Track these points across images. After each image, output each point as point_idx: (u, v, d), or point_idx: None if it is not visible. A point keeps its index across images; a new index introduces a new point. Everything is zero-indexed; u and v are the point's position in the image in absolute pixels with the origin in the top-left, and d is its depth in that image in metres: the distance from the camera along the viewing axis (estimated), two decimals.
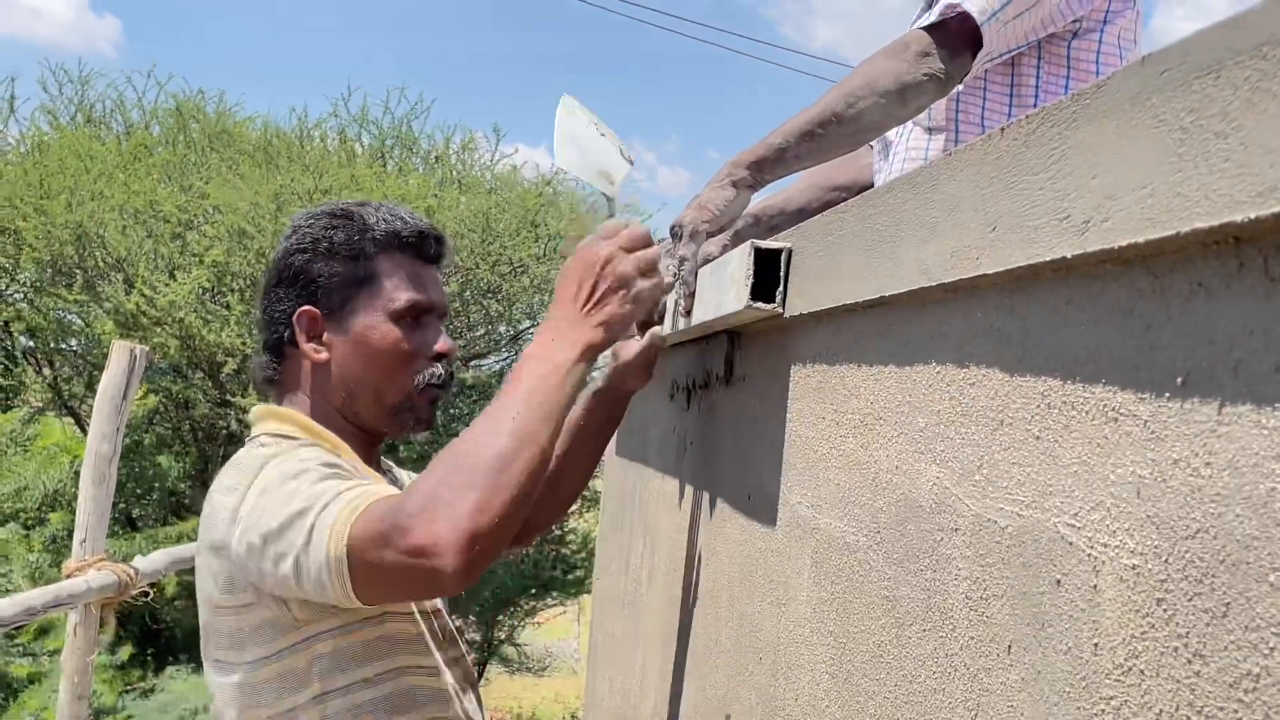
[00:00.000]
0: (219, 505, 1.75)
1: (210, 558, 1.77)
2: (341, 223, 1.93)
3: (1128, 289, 0.89)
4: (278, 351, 1.96)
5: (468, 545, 1.47)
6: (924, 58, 1.97)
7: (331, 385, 1.92)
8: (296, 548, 1.60)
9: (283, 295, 1.93)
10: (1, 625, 3.41)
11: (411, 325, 1.92)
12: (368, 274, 1.91)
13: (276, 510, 1.64)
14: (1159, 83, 0.82)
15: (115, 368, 4.03)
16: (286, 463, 1.72)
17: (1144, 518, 0.85)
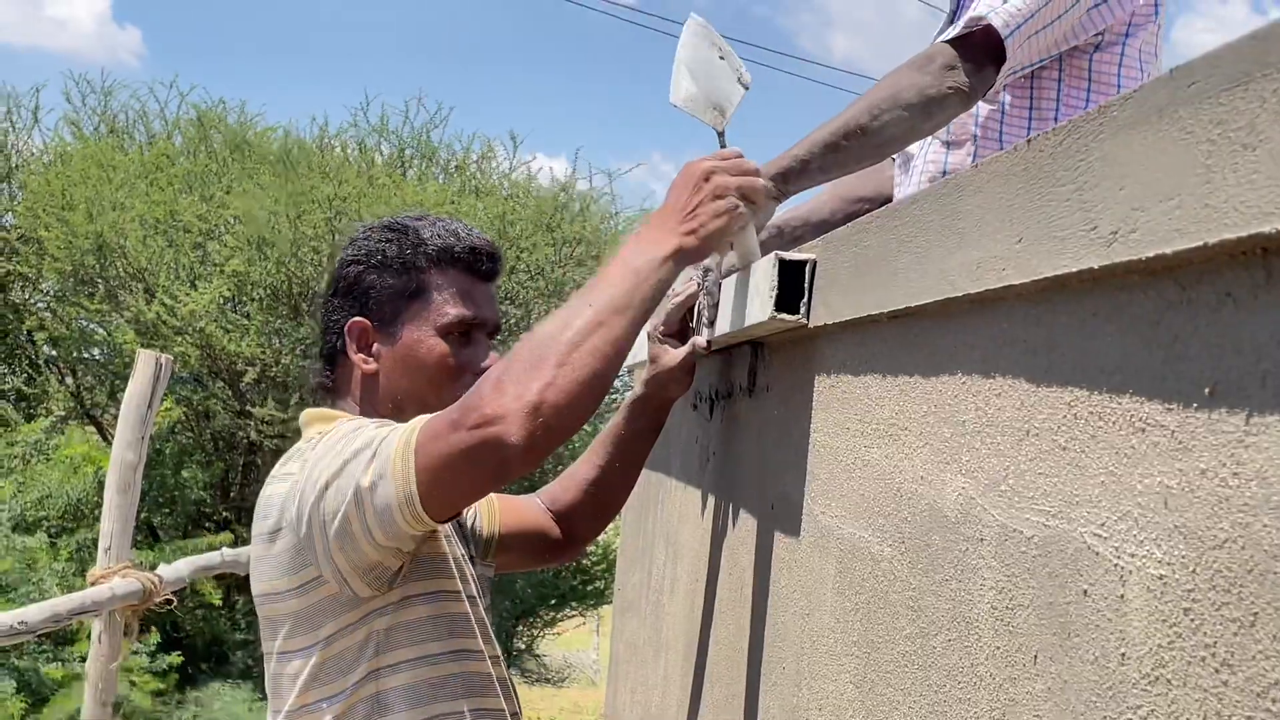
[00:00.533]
0: (273, 494, 1.80)
1: (267, 546, 1.80)
2: (396, 236, 1.95)
3: (1155, 300, 0.89)
4: (331, 360, 2.00)
5: (531, 413, 1.53)
6: (948, 71, 1.97)
7: (379, 395, 1.95)
8: (356, 478, 1.65)
9: (337, 305, 1.97)
10: (29, 631, 3.44)
11: (460, 341, 1.95)
12: (419, 287, 1.93)
13: (334, 459, 1.69)
14: (1186, 95, 0.82)
15: (141, 377, 4.05)
16: (340, 429, 1.77)
17: (1171, 527, 0.85)
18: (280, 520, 1.78)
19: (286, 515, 1.76)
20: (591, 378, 1.57)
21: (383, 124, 13.68)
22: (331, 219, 10.82)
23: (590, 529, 2.39)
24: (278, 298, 11.29)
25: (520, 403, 1.53)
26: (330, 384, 2.01)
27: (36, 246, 11.90)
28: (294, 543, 1.76)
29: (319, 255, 11.00)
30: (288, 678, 1.83)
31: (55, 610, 3.55)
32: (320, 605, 1.78)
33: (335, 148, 13.32)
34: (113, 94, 13.70)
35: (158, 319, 10.65)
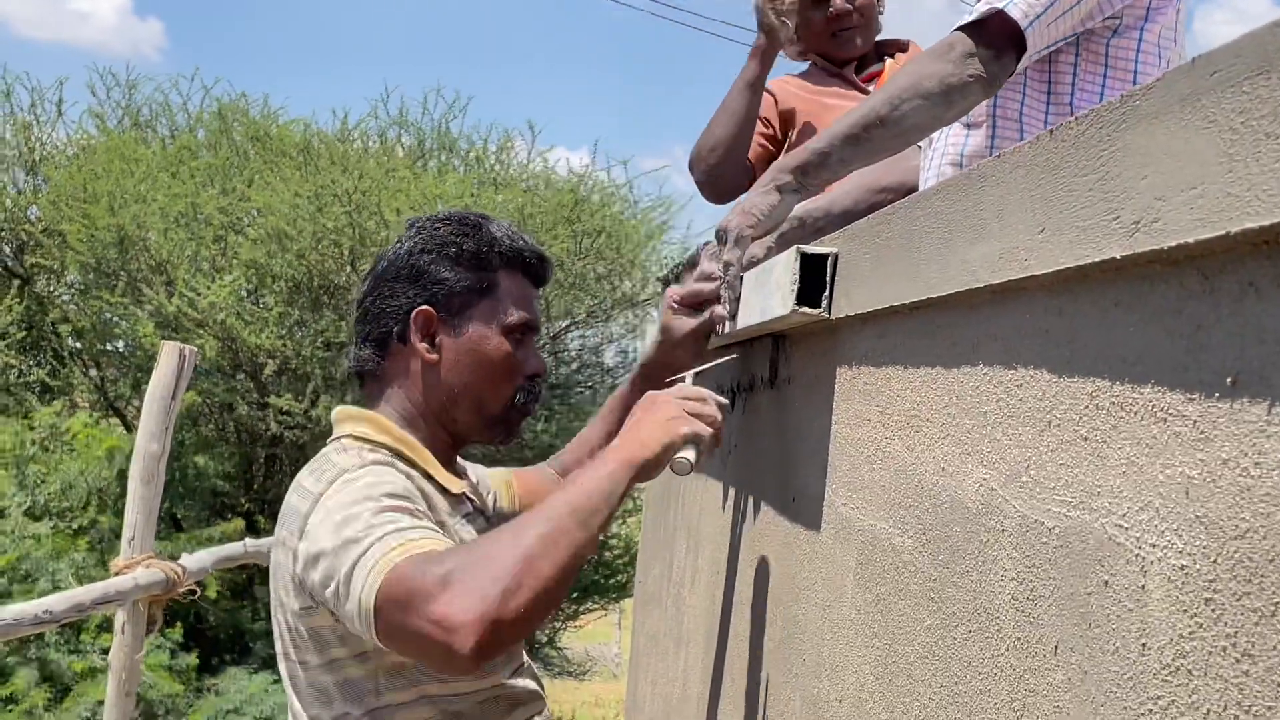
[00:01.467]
0: (294, 507, 1.80)
1: (282, 556, 1.82)
2: (471, 231, 1.97)
3: (1177, 289, 0.89)
4: (383, 345, 1.99)
5: (488, 627, 1.48)
6: (968, 59, 1.96)
7: (435, 386, 1.96)
8: (339, 576, 1.64)
9: (400, 291, 1.97)
10: (53, 621, 3.46)
11: (517, 342, 1.98)
12: (489, 285, 1.97)
13: (334, 532, 1.67)
14: (1210, 83, 0.82)
15: (165, 368, 4.07)
16: (357, 484, 1.75)
17: (1193, 518, 0.85)
18: (289, 541, 1.78)
19: (297, 548, 1.76)
20: (550, 592, 1.54)
21: (402, 116, 13.69)
22: (351, 212, 10.83)
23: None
24: (299, 290, 11.32)
25: (474, 615, 1.48)
26: (378, 370, 2.00)
27: (60, 239, 11.96)
28: (298, 570, 1.76)
29: (340, 249, 11.02)
30: (307, 688, 1.85)
31: (79, 600, 3.57)
32: (320, 630, 1.80)
33: (356, 140, 13.33)
34: (137, 87, 13.76)
35: (179, 311, 10.69)
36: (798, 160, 2.02)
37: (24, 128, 13.32)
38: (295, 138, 12.76)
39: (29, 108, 13.41)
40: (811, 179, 2.02)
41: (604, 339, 14.14)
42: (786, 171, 2.02)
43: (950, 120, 2.07)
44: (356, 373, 2.04)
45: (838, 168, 2.03)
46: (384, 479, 1.77)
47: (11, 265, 13.22)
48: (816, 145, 2.01)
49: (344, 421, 1.98)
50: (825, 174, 2.03)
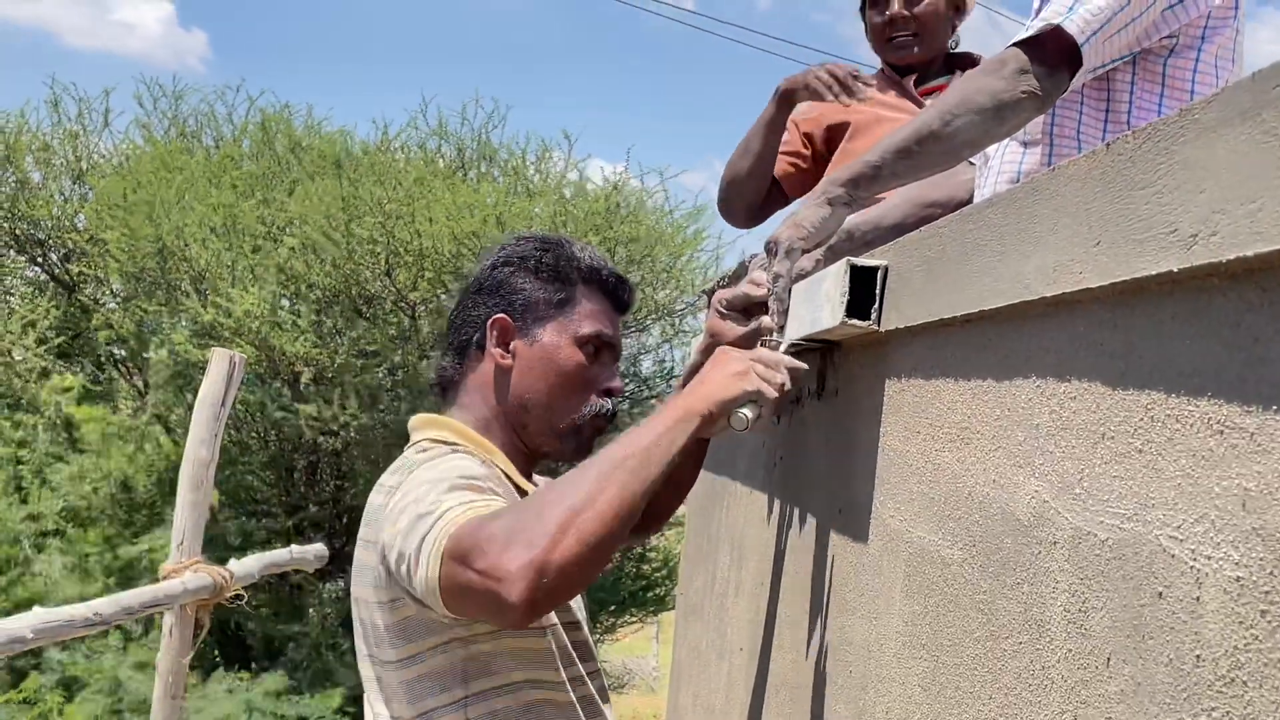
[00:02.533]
0: (375, 504, 1.86)
1: (367, 553, 1.87)
2: (551, 247, 2.05)
3: (1235, 302, 0.89)
4: (462, 353, 2.06)
5: (535, 579, 1.51)
6: (1021, 75, 1.97)
7: (508, 392, 2.02)
8: (410, 552, 1.67)
9: (480, 302, 2.05)
10: (104, 623, 3.49)
11: (591, 356, 2.03)
12: (566, 298, 2.03)
13: (408, 511, 1.72)
14: (1271, 97, 0.82)
15: (214, 375, 4.11)
16: (433, 469, 1.80)
17: (1249, 530, 0.85)
18: (372, 536, 1.85)
19: (378, 535, 1.81)
20: (599, 544, 1.56)
21: (441, 126, 13.75)
22: (384, 221, 10.89)
23: (666, 505, 2.40)
24: (336, 299, 11.38)
25: (522, 563, 1.51)
26: (456, 376, 2.06)
27: (104, 247, 12.08)
28: (380, 561, 1.81)
29: (376, 258, 11.08)
30: (383, 685, 1.88)
31: (128, 603, 3.60)
32: (405, 623, 1.83)
33: (396, 151, 13.40)
34: (183, 98, 13.88)
35: (214, 321, 10.77)
36: (849, 173, 2.02)
37: (72, 137, 13.47)
38: (335, 148, 12.85)
39: (76, 117, 13.56)
40: (863, 192, 2.03)
41: (640, 349, 14.16)
42: (838, 184, 2.02)
43: (1002, 136, 2.07)
44: (438, 383, 2.10)
45: (889, 181, 2.04)
46: (463, 464, 1.83)
47: (58, 273, 13.37)
48: (868, 158, 2.01)
49: (422, 427, 2.03)
50: (876, 187, 2.04)
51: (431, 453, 1.90)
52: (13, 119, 13.21)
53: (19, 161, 13.00)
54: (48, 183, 13.44)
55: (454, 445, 1.95)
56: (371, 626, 1.88)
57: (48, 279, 13.46)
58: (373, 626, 1.87)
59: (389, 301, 11.42)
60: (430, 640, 1.83)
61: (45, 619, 3.23)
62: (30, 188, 13.18)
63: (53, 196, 13.31)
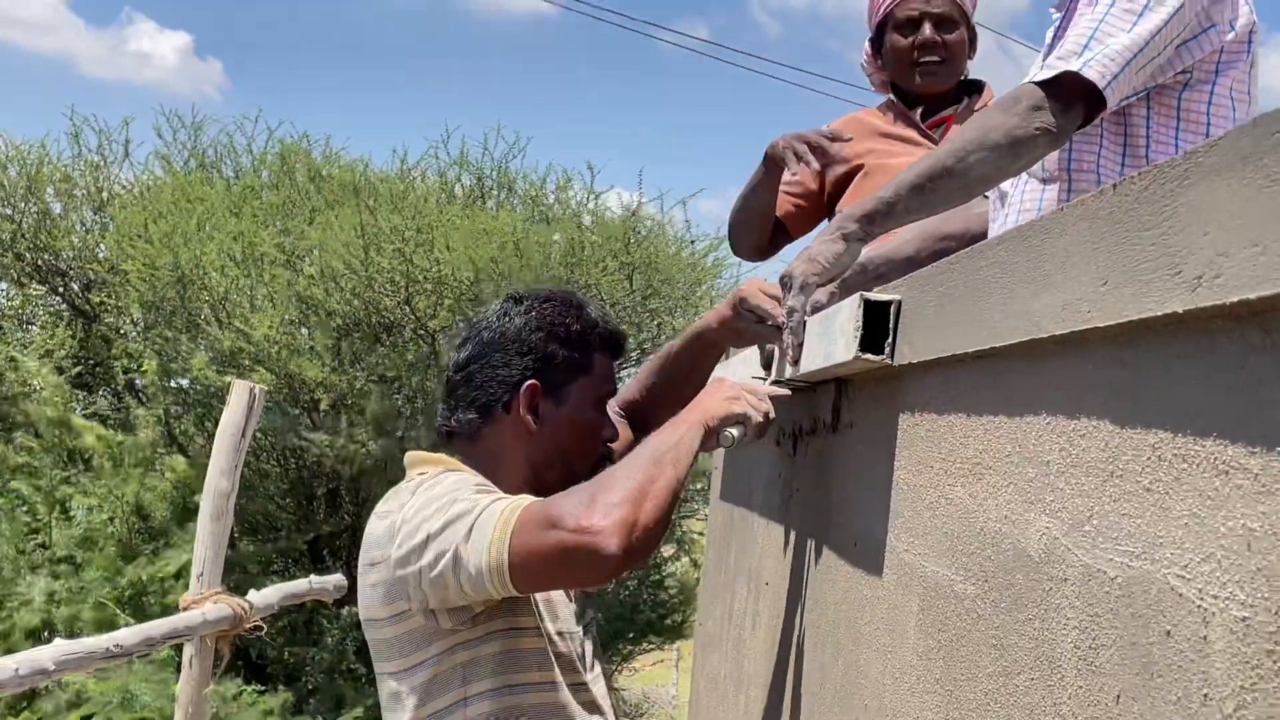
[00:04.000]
0: (376, 528, 1.98)
1: (370, 574, 1.99)
2: (576, 314, 2.16)
3: (1239, 344, 0.90)
4: (486, 411, 2.13)
5: (629, 530, 1.75)
6: (1035, 112, 1.98)
7: (532, 452, 2.12)
8: (457, 541, 1.83)
9: (510, 362, 2.12)
10: (125, 654, 3.51)
11: (601, 412, 2.17)
12: (588, 364, 2.15)
13: (438, 514, 1.87)
14: (1271, 143, 0.83)
15: (235, 406, 4.13)
16: (443, 483, 1.95)
17: (1254, 570, 0.86)
18: (383, 554, 1.94)
19: (384, 553, 1.93)
20: (665, 507, 1.83)
21: (463, 156, 13.78)
22: (402, 248, 10.91)
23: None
24: (355, 326, 11.40)
25: (617, 520, 1.75)
26: (476, 434, 2.14)
27: (124, 277, 12.11)
28: (388, 578, 1.93)
29: (395, 286, 11.10)
30: (395, 697, 2.01)
31: (149, 634, 3.62)
32: (410, 635, 1.96)
33: (416, 179, 13.43)
34: (202, 129, 13.94)
35: (234, 347, 10.79)
36: (864, 209, 2.04)
37: (93, 168, 13.54)
38: (354, 177, 12.89)
39: (96, 148, 13.62)
40: (877, 228, 2.04)
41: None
42: (853, 220, 2.04)
43: (1016, 172, 2.08)
44: (446, 432, 2.18)
45: (904, 217, 2.05)
46: (464, 476, 2.00)
47: (78, 303, 13.42)
48: (883, 194, 2.03)
49: (418, 464, 2.12)
50: (891, 223, 2.06)
51: (427, 478, 2.01)
52: (34, 150, 13.29)
53: (40, 193, 13.07)
54: (69, 213, 13.50)
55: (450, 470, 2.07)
56: (380, 643, 2.01)
57: (68, 309, 13.51)
58: (382, 642, 2.00)
59: (409, 329, 11.43)
60: (434, 648, 1.96)
61: (66, 650, 3.25)
62: (52, 219, 13.24)
63: (74, 227, 13.36)
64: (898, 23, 3.25)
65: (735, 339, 2.41)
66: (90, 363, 13.15)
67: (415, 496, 1.95)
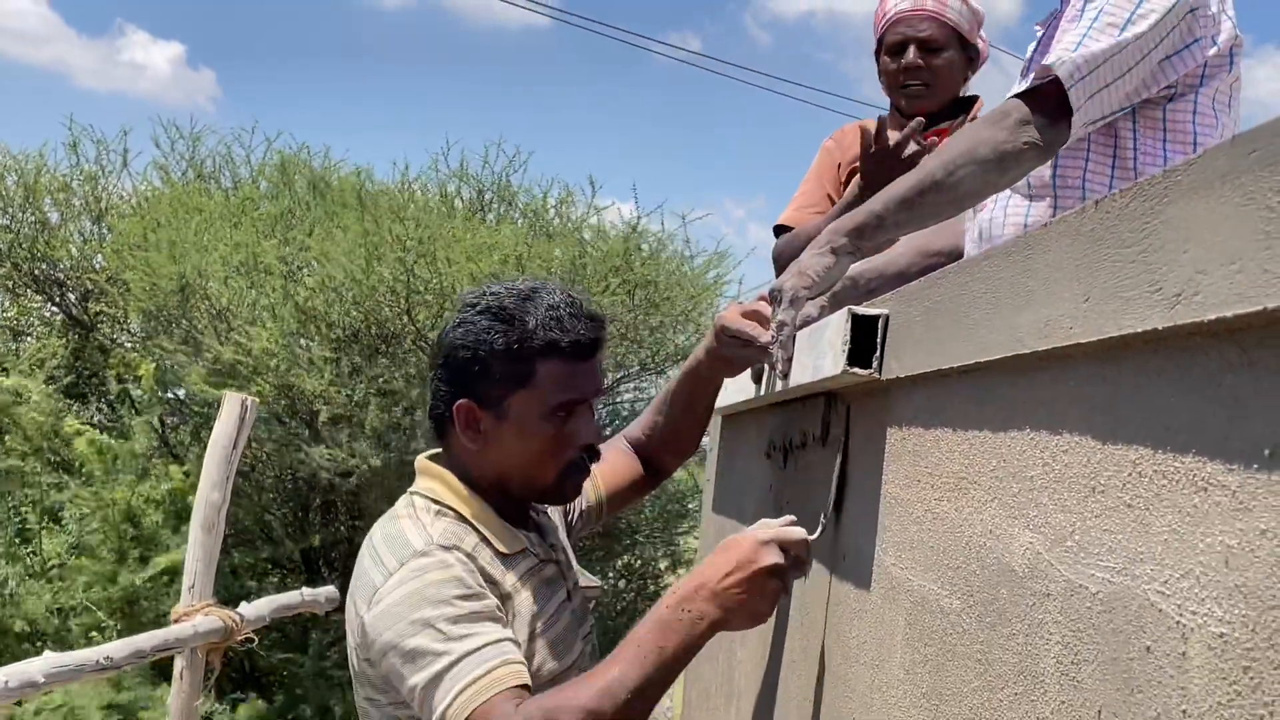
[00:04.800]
0: (367, 569, 1.95)
1: (350, 608, 1.98)
2: (504, 328, 2.02)
3: (1217, 361, 0.91)
4: (440, 424, 2.11)
5: None
6: (1022, 126, 1.99)
7: (484, 466, 2.06)
8: (416, 683, 1.80)
9: (446, 378, 2.08)
10: (115, 666, 3.51)
11: (563, 419, 2.04)
12: (526, 376, 2.02)
13: (408, 632, 1.83)
14: (1248, 162, 0.84)
15: (226, 418, 4.13)
16: (426, 576, 1.87)
17: (1232, 586, 0.86)
18: (360, 611, 1.93)
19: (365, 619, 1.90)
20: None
21: (463, 169, 13.80)
22: (403, 258, 10.91)
23: (671, 463, 2.61)
24: (356, 338, 11.40)
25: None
26: (441, 442, 2.13)
27: (123, 287, 12.12)
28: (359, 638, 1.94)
29: (397, 296, 11.10)
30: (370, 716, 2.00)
31: (139, 646, 3.62)
32: (374, 678, 1.94)
33: (416, 191, 13.46)
34: (200, 140, 13.97)
35: (234, 359, 10.79)
36: (853, 223, 2.04)
37: (90, 178, 13.55)
38: (354, 188, 12.91)
39: (95, 158, 13.65)
40: (866, 241, 2.05)
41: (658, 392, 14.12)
42: (842, 234, 2.04)
43: (1004, 186, 2.09)
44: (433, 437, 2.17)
45: (892, 231, 2.06)
46: (449, 572, 1.89)
47: (76, 312, 13.42)
48: (872, 208, 2.03)
49: (422, 474, 2.12)
50: (880, 236, 2.06)
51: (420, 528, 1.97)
52: (31, 159, 13.31)
53: (38, 203, 13.08)
54: (66, 223, 13.51)
55: (443, 505, 2.03)
56: (361, 674, 1.98)
57: (62, 318, 13.51)
58: (363, 675, 1.97)
59: (408, 340, 11.43)
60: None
61: (56, 663, 3.25)
62: (49, 228, 13.26)
63: (71, 237, 13.38)
64: (887, 46, 3.32)
65: (725, 367, 2.36)
66: (85, 373, 13.15)
67: (402, 572, 1.88)
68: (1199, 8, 2.06)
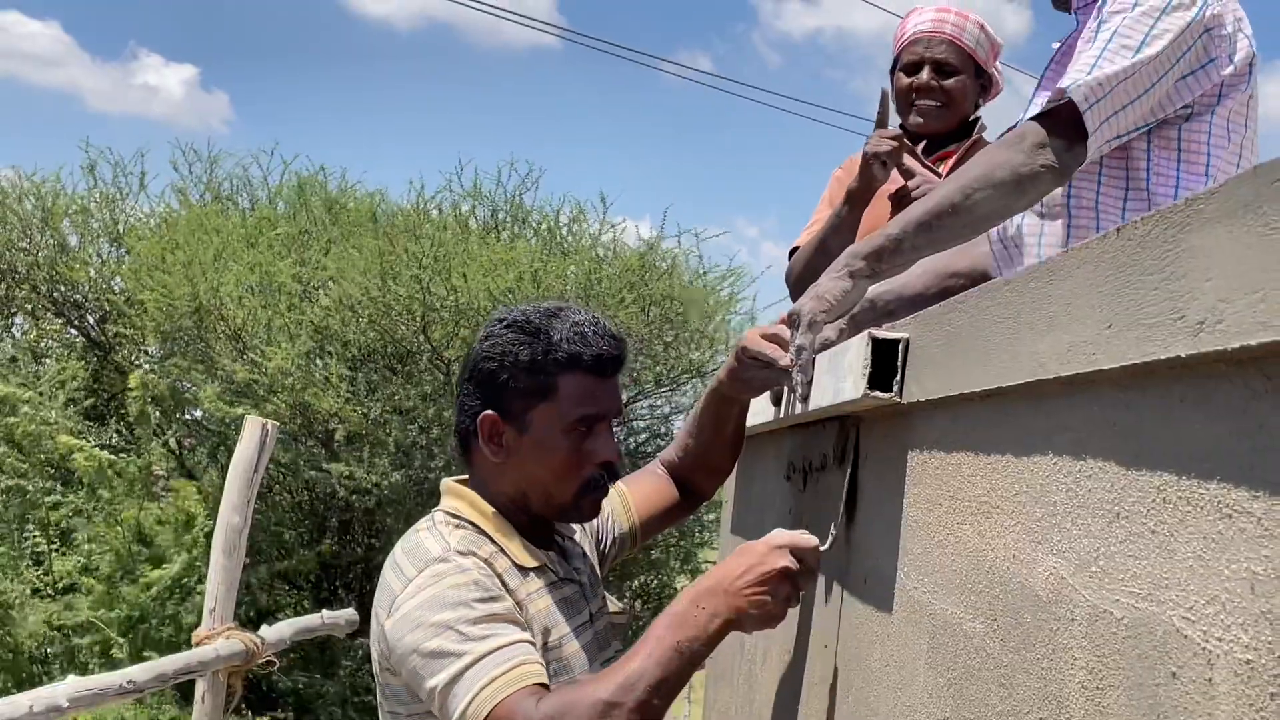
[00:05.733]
0: (389, 581, 1.99)
1: (374, 620, 2.00)
2: (529, 341, 2.08)
3: (1241, 389, 0.91)
4: (464, 440, 2.15)
5: None
6: (1039, 149, 1.99)
7: (507, 480, 2.11)
8: (436, 684, 1.84)
9: (471, 392, 2.12)
10: (138, 690, 3.52)
11: (583, 435, 2.09)
12: (548, 389, 2.07)
13: (427, 635, 1.87)
14: (1271, 191, 0.84)
15: (247, 442, 4.14)
16: (443, 581, 1.92)
17: (1258, 613, 0.86)
18: (381, 618, 1.96)
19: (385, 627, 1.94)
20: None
21: (476, 188, 13.86)
22: (420, 276, 10.95)
23: (707, 485, 2.63)
24: (371, 356, 11.44)
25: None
26: (466, 459, 2.17)
27: (141, 309, 12.18)
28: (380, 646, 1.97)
29: (412, 315, 11.14)
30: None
31: (162, 670, 3.63)
32: (396, 686, 1.98)
33: (432, 211, 13.52)
34: (218, 162, 14.06)
35: (249, 379, 10.83)
36: (871, 246, 2.05)
37: (108, 200, 13.63)
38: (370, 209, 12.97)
39: (112, 180, 13.73)
40: (884, 265, 2.05)
41: (673, 409, 14.16)
42: (859, 258, 2.05)
43: (1021, 209, 2.09)
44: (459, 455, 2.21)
45: (910, 254, 2.06)
46: (467, 576, 1.93)
47: (94, 334, 13.48)
48: (890, 231, 2.04)
49: (446, 494, 2.16)
50: (898, 260, 2.07)
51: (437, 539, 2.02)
52: (49, 182, 13.39)
53: (56, 224, 13.16)
54: (85, 246, 13.59)
55: (463, 519, 2.08)
56: (381, 681, 2.03)
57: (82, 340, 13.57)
58: (382, 682, 2.02)
59: (424, 358, 11.46)
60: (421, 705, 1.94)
61: (80, 687, 3.26)
62: (68, 251, 13.33)
63: (90, 259, 13.45)
64: (903, 65, 3.37)
65: (746, 389, 2.36)
66: (104, 395, 13.20)
67: (421, 577, 1.93)
68: (1214, 28, 2.06)
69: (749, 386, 2.34)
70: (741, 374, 2.29)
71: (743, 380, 2.31)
